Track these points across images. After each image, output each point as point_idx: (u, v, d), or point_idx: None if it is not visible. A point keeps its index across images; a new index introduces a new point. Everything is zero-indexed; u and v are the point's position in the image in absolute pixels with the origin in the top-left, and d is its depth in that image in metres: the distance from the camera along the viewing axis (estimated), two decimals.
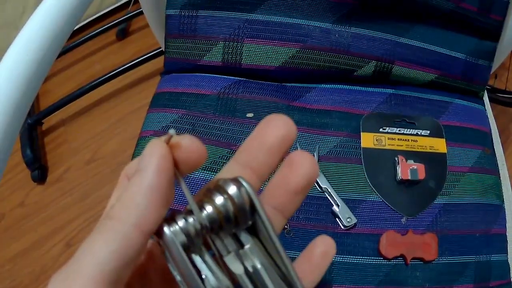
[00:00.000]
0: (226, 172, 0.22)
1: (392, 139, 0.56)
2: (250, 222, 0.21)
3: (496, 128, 0.65)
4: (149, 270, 0.22)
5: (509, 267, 0.55)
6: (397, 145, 0.56)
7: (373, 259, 0.50)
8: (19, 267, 0.99)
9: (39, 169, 1.07)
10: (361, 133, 0.56)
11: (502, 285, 0.53)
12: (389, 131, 0.57)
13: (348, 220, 0.50)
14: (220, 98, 0.58)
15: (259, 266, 0.20)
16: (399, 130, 0.57)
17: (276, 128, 0.21)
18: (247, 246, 0.21)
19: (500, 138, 0.70)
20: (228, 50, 0.60)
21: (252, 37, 0.59)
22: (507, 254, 0.55)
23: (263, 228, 0.20)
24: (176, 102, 0.59)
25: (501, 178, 0.60)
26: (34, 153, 1.06)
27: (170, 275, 0.20)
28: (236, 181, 0.20)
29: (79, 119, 1.13)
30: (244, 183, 0.20)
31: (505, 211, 0.58)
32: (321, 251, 0.22)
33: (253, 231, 0.21)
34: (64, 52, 1.16)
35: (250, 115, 0.57)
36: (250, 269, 0.20)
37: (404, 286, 0.50)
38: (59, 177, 1.09)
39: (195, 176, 0.53)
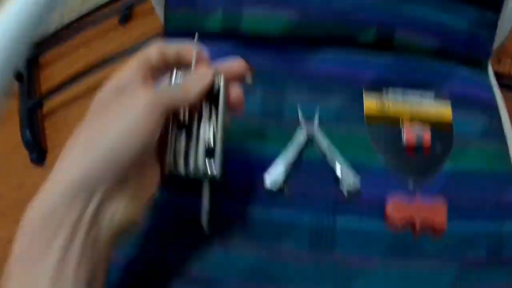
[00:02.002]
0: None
1: (396, 105, 0.55)
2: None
3: (502, 97, 0.63)
4: None
5: None
6: (402, 111, 0.54)
7: (378, 226, 0.48)
8: None
9: (38, 152, 1.06)
10: (364, 98, 0.55)
11: None
12: (392, 97, 0.55)
13: (351, 185, 0.49)
14: None
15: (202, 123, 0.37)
16: (403, 96, 0.55)
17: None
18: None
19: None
20: (228, 18, 0.59)
21: (251, 4, 0.58)
22: None
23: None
24: None
25: (508, 146, 0.59)
26: (34, 136, 1.05)
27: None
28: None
29: (79, 103, 1.12)
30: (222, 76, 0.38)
31: None
32: None
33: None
34: (66, 37, 1.15)
35: (249, 81, 0.55)
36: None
37: (411, 257, 0.47)
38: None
39: None
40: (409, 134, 0.52)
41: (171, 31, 0.63)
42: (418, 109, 0.55)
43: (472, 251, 0.49)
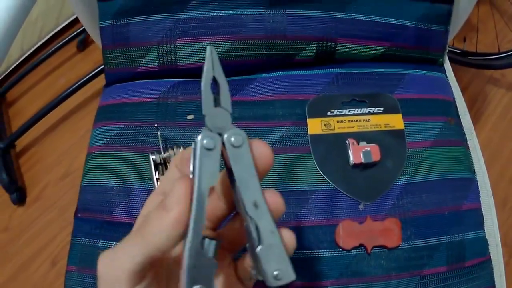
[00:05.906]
0: None
1: (342, 121, 0.53)
2: None
3: (461, 95, 0.61)
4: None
5: (487, 244, 0.51)
6: (348, 128, 0.52)
7: (330, 251, 0.47)
8: None
9: (17, 191, 1.06)
10: (307, 119, 0.53)
11: (481, 263, 0.50)
12: (337, 113, 0.53)
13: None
14: (159, 103, 0.56)
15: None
16: (349, 111, 0.53)
17: None
18: None
19: (476, 101, 0.66)
20: (163, 53, 0.57)
21: (184, 36, 0.56)
22: (484, 230, 0.51)
23: None
24: (118, 113, 0.57)
25: (470, 148, 0.57)
26: (10, 176, 1.05)
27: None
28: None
29: (50, 135, 1.12)
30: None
31: (477, 184, 0.54)
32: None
33: None
34: (28, 71, 1.14)
35: (190, 117, 0.54)
36: None
37: (368, 277, 0.47)
38: (37, 196, 1.08)
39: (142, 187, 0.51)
40: (356, 151, 0.50)
41: (110, 70, 0.61)
42: (366, 123, 0.53)
43: (432, 263, 0.48)
